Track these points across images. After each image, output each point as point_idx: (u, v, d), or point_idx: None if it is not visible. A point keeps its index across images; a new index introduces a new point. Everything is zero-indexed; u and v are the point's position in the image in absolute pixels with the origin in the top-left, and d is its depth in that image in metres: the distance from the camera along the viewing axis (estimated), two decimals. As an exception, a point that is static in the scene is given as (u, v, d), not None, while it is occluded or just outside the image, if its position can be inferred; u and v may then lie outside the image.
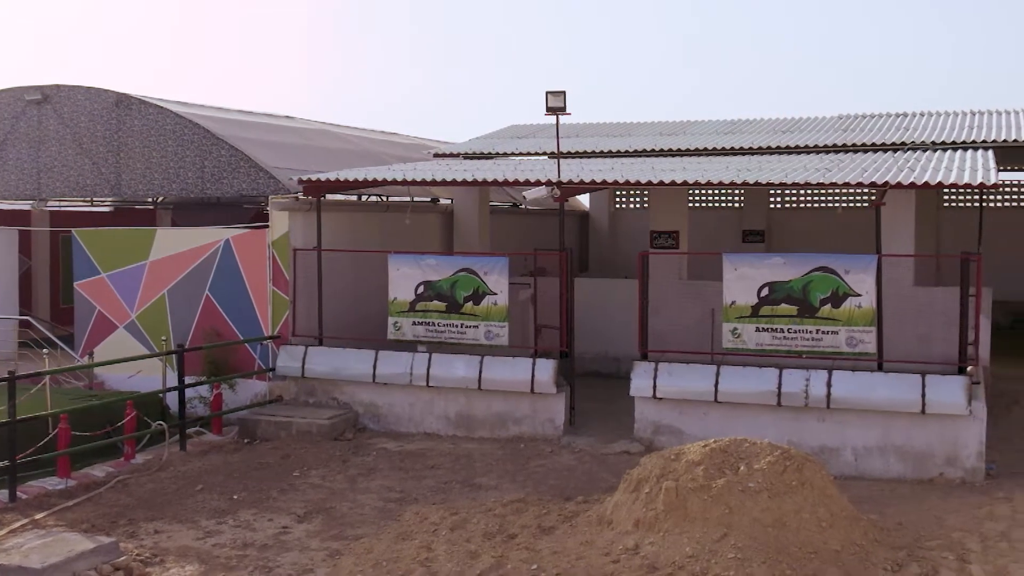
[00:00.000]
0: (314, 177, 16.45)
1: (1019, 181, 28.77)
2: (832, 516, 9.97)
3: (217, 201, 18.67)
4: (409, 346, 16.06)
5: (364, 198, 19.81)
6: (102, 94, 18.33)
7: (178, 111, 18.04)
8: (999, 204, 28.68)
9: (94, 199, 21.10)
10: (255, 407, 16.17)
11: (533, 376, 15.10)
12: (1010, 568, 9.76)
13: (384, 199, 20.06)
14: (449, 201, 21.27)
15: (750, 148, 20.97)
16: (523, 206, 24.70)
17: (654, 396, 14.31)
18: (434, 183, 16.75)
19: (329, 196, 17.41)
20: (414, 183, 16.82)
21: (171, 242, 17.40)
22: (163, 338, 16.93)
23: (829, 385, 13.50)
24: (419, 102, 71.53)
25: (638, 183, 15.69)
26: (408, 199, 20.22)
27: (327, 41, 77.96)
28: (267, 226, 16.81)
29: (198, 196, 17.90)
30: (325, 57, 76.62)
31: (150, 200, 22.18)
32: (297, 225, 16.68)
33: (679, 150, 21.37)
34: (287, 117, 22.15)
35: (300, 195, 16.60)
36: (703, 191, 29.24)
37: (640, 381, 14.40)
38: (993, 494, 12.38)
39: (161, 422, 14.53)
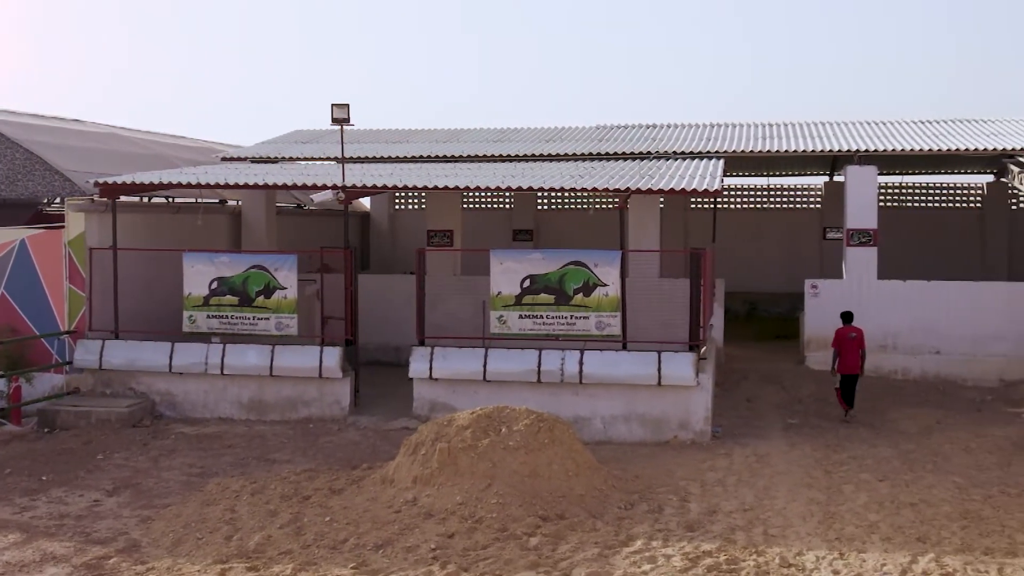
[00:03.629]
0: (110, 180, 17.36)
1: (751, 186, 32.15)
2: (578, 467, 11.98)
3: (3, 203, 19.11)
4: (204, 338, 17.21)
5: (148, 199, 20.57)
6: None
7: (-31, 114, 18.53)
8: (737, 207, 31.92)
9: None
10: (53, 399, 16.96)
11: (321, 363, 16.57)
12: (721, 504, 12.01)
13: (171, 200, 20.94)
14: (236, 203, 22.36)
15: (518, 155, 22.83)
16: (307, 207, 25.99)
17: (430, 377, 16.03)
18: (227, 187, 17.92)
19: (123, 198, 18.28)
20: (208, 187, 17.94)
21: (-35, 242, 17.89)
22: (-40, 334, 17.45)
23: (581, 363, 15.55)
24: (200, 104, 71.11)
25: (416, 187, 17.36)
26: (195, 200, 21.14)
27: (102, 41, 76.29)
28: (63, 226, 17.58)
29: (-8, 197, 18.41)
30: (99, 57, 74.95)
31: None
32: (93, 225, 17.54)
33: (454, 156, 23.02)
34: (76, 120, 22.67)
35: (96, 197, 17.47)
36: (476, 194, 31.18)
37: (418, 364, 16.08)
38: (716, 451, 14.73)
39: (-37, 413, 15.23)
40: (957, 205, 31.07)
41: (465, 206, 28.03)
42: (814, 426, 16.49)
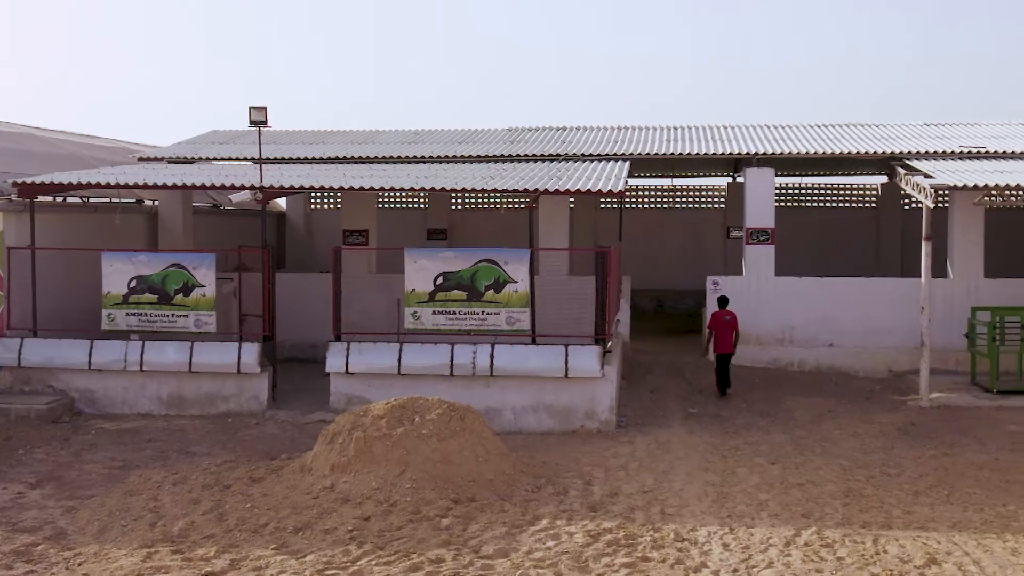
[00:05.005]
0: (29, 180, 17.58)
1: (658, 186, 33.17)
2: (487, 453, 12.66)
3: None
4: (123, 335, 17.51)
5: (63, 199, 20.68)
6: None
7: None
8: (644, 207, 32.90)
9: None
10: (-29, 397, 17.14)
11: (239, 359, 17.01)
12: (622, 487, 12.77)
13: (86, 200, 21.09)
14: (153, 202, 22.60)
15: (431, 156, 23.38)
16: (224, 207, 26.28)
17: (347, 372, 16.56)
18: (147, 187, 18.23)
19: (41, 198, 18.48)
20: (127, 187, 18.23)
21: None
22: None
23: (492, 357, 16.23)
24: (113, 103, 70.35)
25: (332, 188, 17.88)
26: (109, 200, 21.31)
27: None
28: (-20, 226, 17.76)
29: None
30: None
31: None
32: (11, 225, 17.74)
33: (369, 157, 23.48)
34: (-10, 120, 22.77)
35: (14, 197, 17.67)
36: (391, 194, 31.62)
37: (334, 359, 16.61)
38: (620, 439, 15.52)
39: None
40: (853, 205, 32.44)
41: (380, 206, 28.48)
42: (713, 415, 17.37)
